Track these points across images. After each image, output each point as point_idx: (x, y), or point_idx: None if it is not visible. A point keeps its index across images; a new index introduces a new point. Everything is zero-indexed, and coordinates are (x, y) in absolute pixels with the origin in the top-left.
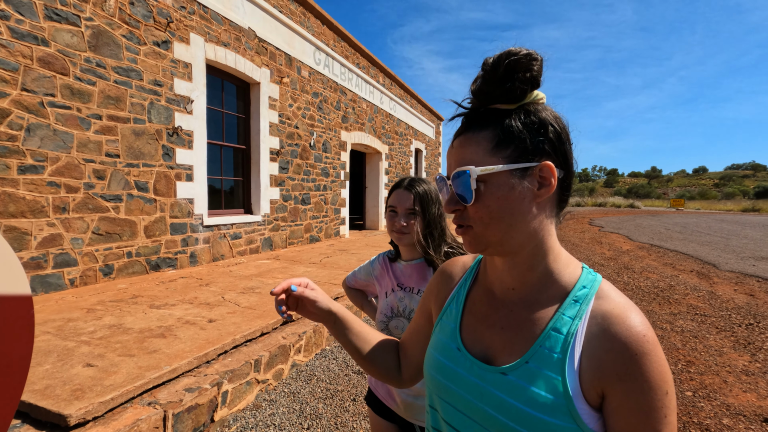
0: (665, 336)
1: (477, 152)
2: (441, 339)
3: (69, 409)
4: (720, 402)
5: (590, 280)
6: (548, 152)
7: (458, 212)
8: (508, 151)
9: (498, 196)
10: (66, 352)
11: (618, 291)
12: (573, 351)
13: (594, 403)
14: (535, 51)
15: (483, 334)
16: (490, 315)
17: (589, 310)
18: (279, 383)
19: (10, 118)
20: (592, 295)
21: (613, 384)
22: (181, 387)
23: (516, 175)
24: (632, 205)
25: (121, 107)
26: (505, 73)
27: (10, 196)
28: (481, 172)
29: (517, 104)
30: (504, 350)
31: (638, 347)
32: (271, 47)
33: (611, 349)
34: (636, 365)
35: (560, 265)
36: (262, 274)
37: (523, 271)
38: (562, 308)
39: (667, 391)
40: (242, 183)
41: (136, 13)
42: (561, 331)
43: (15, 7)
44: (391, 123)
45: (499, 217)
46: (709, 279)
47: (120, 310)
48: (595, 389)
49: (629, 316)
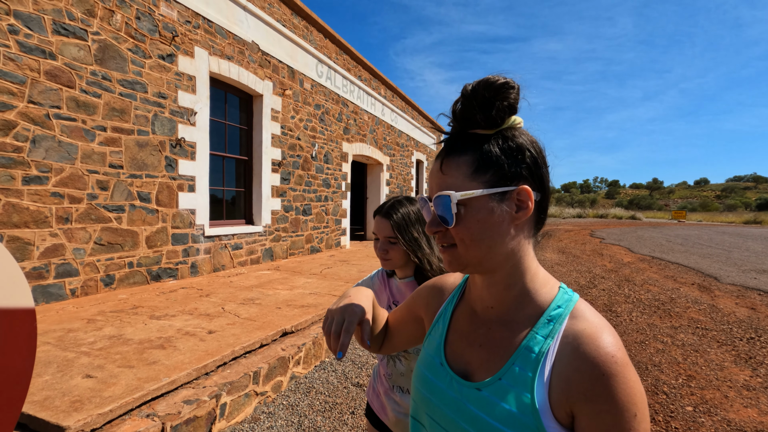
0: (666, 350)
1: (457, 176)
2: (427, 353)
3: (68, 420)
4: (721, 417)
5: (566, 299)
6: (525, 176)
7: (440, 233)
8: (487, 175)
9: (478, 219)
10: (66, 362)
11: (594, 311)
12: (543, 369)
13: (564, 421)
14: (512, 79)
15: (464, 350)
16: (470, 332)
17: (562, 329)
18: (278, 395)
19: (16, 129)
20: (566, 314)
21: (581, 404)
22: (179, 399)
23: (495, 199)
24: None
25: (126, 119)
26: (484, 101)
27: (14, 207)
28: (462, 197)
29: (495, 130)
30: (481, 367)
31: (606, 368)
32: (274, 60)
33: (579, 369)
34: (603, 386)
35: (537, 284)
36: (263, 285)
37: (500, 290)
38: (536, 327)
39: (636, 413)
40: (244, 194)
41: (142, 28)
42: (533, 350)
43: (24, 21)
44: (393, 134)
45: (480, 238)
46: (711, 292)
47: (120, 320)
48: (563, 408)
49: (600, 336)
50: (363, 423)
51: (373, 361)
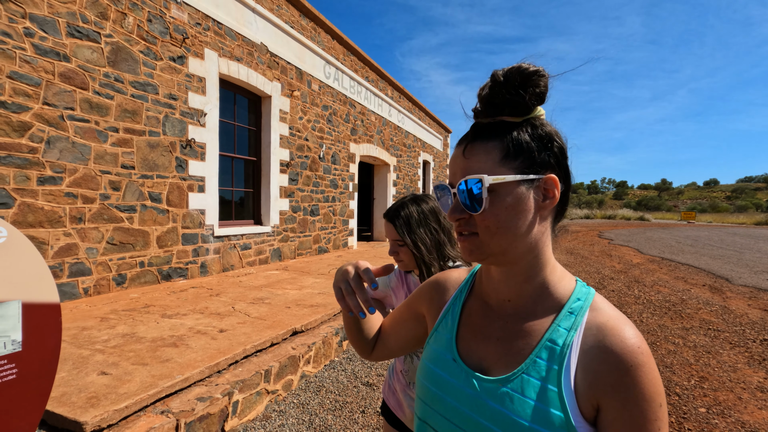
0: (677, 351)
1: (487, 161)
2: (436, 350)
3: (85, 416)
4: (735, 419)
5: (584, 292)
6: (553, 165)
7: (462, 220)
8: (516, 162)
9: (507, 205)
10: (81, 360)
11: (610, 304)
12: (569, 362)
13: (588, 415)
14: (543, 68)
15: (479, 345)
16: (485, 326)
17: (584, 322)
18: (288, 394)
19: (32, 131)
20: (587, 307)
21: (609, 396)
22: (193, 396)
23: (524, 186)
24: (642, 217)
25: (137, 120)
26: (516, 87)
27: (29, 207)
28: (494, 181)
29: (523, 118)
30: (500, 361)
31: (633, 359)
32: (283, 61)
33: (606, 361)
34: (631, 377)
35: (556, 277)
36: (272, 285)
37: (519, 282)
38: (558, 320)
39: (661, 403)
40: (252, 194)
41: (154, 30)
42: (557, 342)
43: (39, 24)
44: (400, 135)
45: (507, 226)
46: (722, 293)
47: (133, 319)
48: (590, 401)
49: (623, 328)
50: (373, 422)
51: (383, 361)
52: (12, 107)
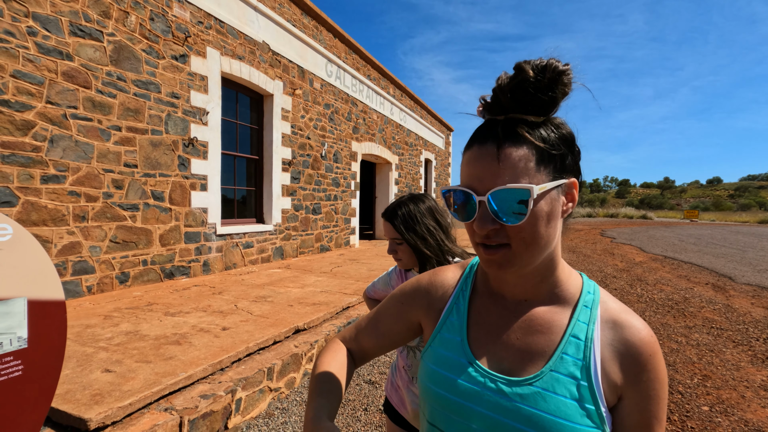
0: (680, 349)
1: (527, 168)
2: (445, 354)
3: (89, 413)
4: (738, 417)
5: (591, 285)
6: (575, 168)
7: (493, 231)
8: (550, 167)
9: (544, 214)
10: (85, 357)
11: (610, 295)
12: (595, 355)
13: (611, 405)
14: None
15: (497, 346)
16: (502, 326)
17: (599, 314)
18: (291, 392)
19: (35, 129)
20: (597, 300)
21: (632, 386)
22: (196, 393)
23: (555, 192)
24: (645, 216)
25: (140, 119)
26: (546, 84)
27: (33, 205)
28: (541, 191)
29: (544, 117)
30: (522, 361)
31: (650, 348)
32: (285, 60)
33: (628, 354)
34: (652, 365)
35: (565, 275)
36: (274, 283)
37: (535, 283)
38: (576, 314)
39: (666, 383)
40: (255, 193)
41: (156, 29)
42: (579, 337)
43: (42, 23)
44: (401, 134)
45: (542, 235)
46: (725, 292)
47: (136, 317)
48: (615, 392)
49: (634, 320)
50: (376, 419)
51: (385, 359)
52: (15, 106)
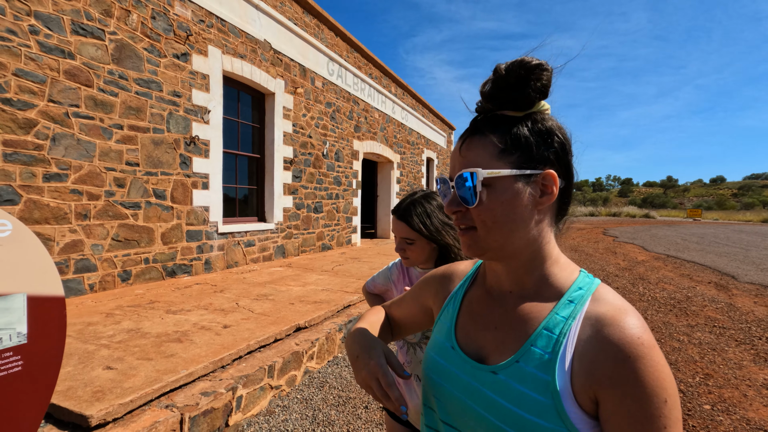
0: (682, 348)
1: (484, 155)
2: (437, 338)
3: (90, 410)
4: (740, 416)
5: (587, 282)
6: (552, 161)
7: (459, 214)
8: (514, 156)
9: (502, 200)
10: (86, 354)
11: (616, 294)
12: (564, 351)
13: (587, 407)
14: (546, 62)
15: (477, 333)
16: (485, 315)
17: (584, 311)
18: (292, 389)
19: (37, 128)
20: (588, 296)
21: (606, 388)
22: (197, 391)
23: (520, 181)
24: (647, 215)
25: (142, 117)
26: (517, 81)
27: (35, 203)
28: (488, 175)
29: (525, 112)
30: (496, 349)
31: (632, 350)
32: (286, 58)
33: (603, 351)
34: (629, 369)
35: (557, 268)
36: (275, 282)
37: (520, 274)
38: (557, 308)
39: (666, 399)
40: (256, 191)
41: (157, 27)
42: (553, 331)
43: (44, 22)
44: (403, 132)
45: (502, 221)
46: (728, 291)
47: (138, 315)
48: (587, 393)
49: (624, 318)
50: (376, 417)
51: None
52: (18, 104)
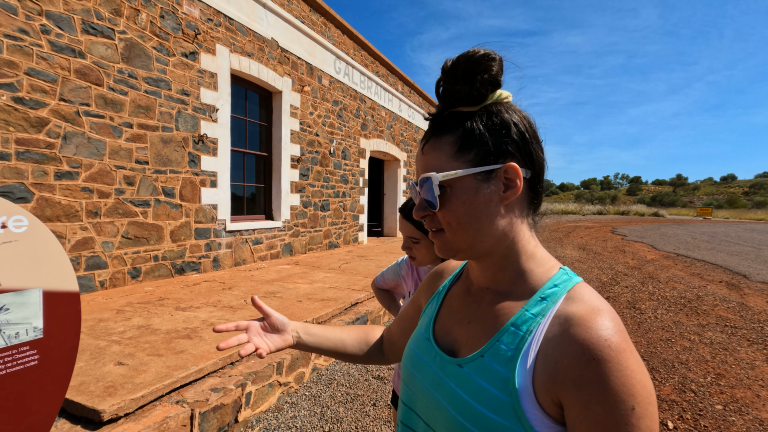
0: (693, 348)
1: (440, 157)
2: (418, 331)
3: (102, 405)
4: (753, 417)
5: (564, 280)
6: (512, 153)
7: (428, 218)
8: (470, 154)
9: (463, 200)
10: (98, 350)
11: (595, 293)
12: (528, 349)
13: (548, 409)
14: (493, 51)
15: (452, 327)
16: (462, 309)
17: (555, 309)
18: (300, 386)
19: (49, 126)
20: (561, 294)
21: (569, 391)
22: (207, 387)
23: (480, 179)
24: (656, 213)
25: (151, 116)
26: (464, 75)
27: (47, 201)
28: (443, 178)
29: (480, 106)
30: (467, 343)
31: (597, 352)
32: (293, 57)
33: (567, 352)
34: (593, 372)
35: (533, 264)
36: (283, 279)
37: (495, 271)
38: (527, 305)
39: (634, 407)
40: (264, 189)
41: (166, 26)
42: (520, 328)
43: (55, 21)
44: (410, 130)
45: (467, 221)
46: (740, 290)
47: (148, 311)
48: (549, 394)
49: (594, 318)
50: (384, 414)
51: None
52: (30, 103)
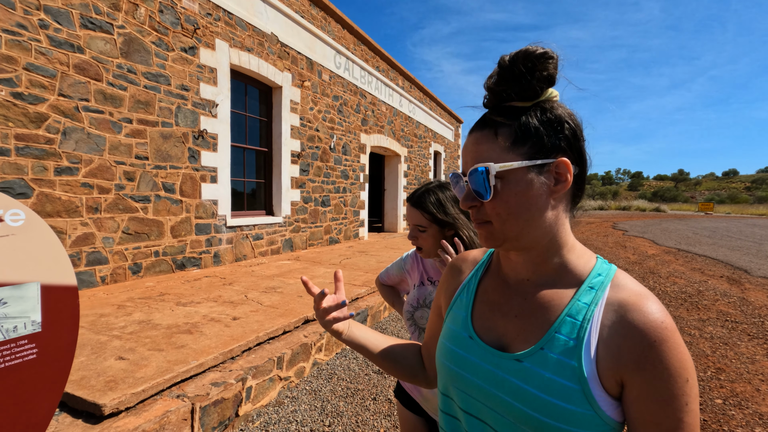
0: (693, 342)
1: (494, 149)
2: (452, 328)
3: (104, 399)
4: (752, 411)
5: (605, 269)
6: (564, 149)
7: (475, 208)
8: (525, 147)
9: (516, 192)
10: (99, 345)
11: (634, 280)
12: (589, 337)
13: (612, 391)
14: (551, 49)
15: (496, 322)
16: (503, 303)
17: (605, 297)
18: (301, 381)
19: (48, 122)
20: (608, 283)
21: (632, 372)
22: (207, 381)
23: (533, 172)
24: (658, 208)
25: (150, 111)
26: (522, 72)
27: (47, 197)
28: (500, 169)
29: (533, 102)
30: (518, 337)
31: (656, 334)
32: (293, 51)
33: (628, 337)
34: (655, 352)
35: (574, 255)
36: (284, 275)
37: (538, 263)
38: (578, 295)
39: (688, 378)
40: (264, 185)
41: (165, 21)
42: (576, 317)
43: (54, 16)
44: (410, 126)
45: (517, 212)
46: (741, 285)
47: (148, 306)
48: (613, 377)
49: (646, 303)
50: (384, 409)
51: None
52: (29, 99)
